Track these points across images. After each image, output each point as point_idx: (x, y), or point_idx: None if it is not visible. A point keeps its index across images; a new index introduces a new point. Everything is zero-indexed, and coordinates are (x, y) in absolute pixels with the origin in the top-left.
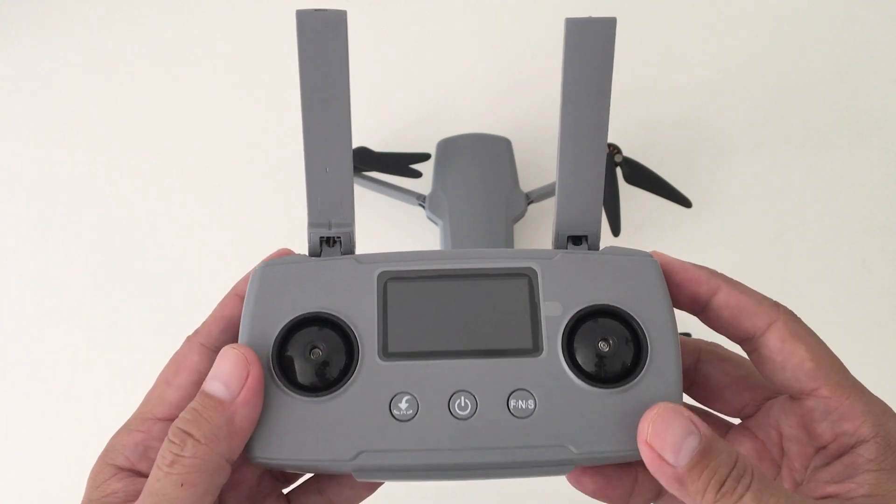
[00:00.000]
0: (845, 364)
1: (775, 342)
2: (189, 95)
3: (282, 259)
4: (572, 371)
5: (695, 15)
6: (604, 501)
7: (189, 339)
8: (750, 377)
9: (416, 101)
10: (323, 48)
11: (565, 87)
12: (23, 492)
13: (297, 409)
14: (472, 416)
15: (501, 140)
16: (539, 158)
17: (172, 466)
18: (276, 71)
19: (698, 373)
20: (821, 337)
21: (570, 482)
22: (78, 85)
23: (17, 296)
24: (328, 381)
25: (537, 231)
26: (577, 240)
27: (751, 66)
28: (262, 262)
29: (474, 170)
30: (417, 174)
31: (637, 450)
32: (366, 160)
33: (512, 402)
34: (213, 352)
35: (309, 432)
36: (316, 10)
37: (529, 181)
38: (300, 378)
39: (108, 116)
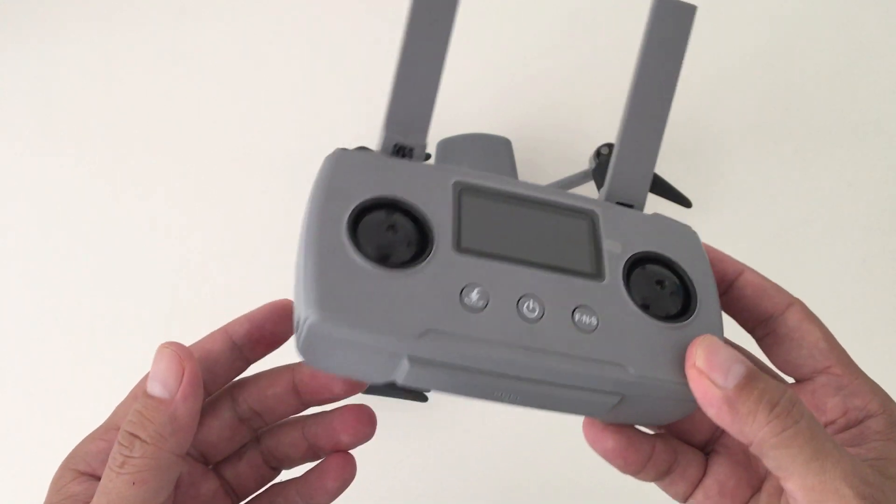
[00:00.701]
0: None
1: (794, 321)
2: (188, 97)
3: (357, 150)
4: (632, 300)
5: (695, 15)
6: (618, 464)
7: None
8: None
9: None
10: None
11: (641, 65)
12: (22, 492)
13: (367, 278)
14: (539, 319)
15: (501, 140)
16: (539, 158)
17: (123, 467)
18: (277, 71)
19: None
20: None
21: (589, 441)
22: (75, 84)
23: (17, 297)
24: (402, 258)
25: None
26: (624, 207)
27: (751, 66)
28: (338, 148)
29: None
30: None
31: (687, 384)
32: None
33: (577, 316)
34: None
35: (378, 303)
36: None
37: (529, 181)
38: (374, 250)
39: (106, 116)
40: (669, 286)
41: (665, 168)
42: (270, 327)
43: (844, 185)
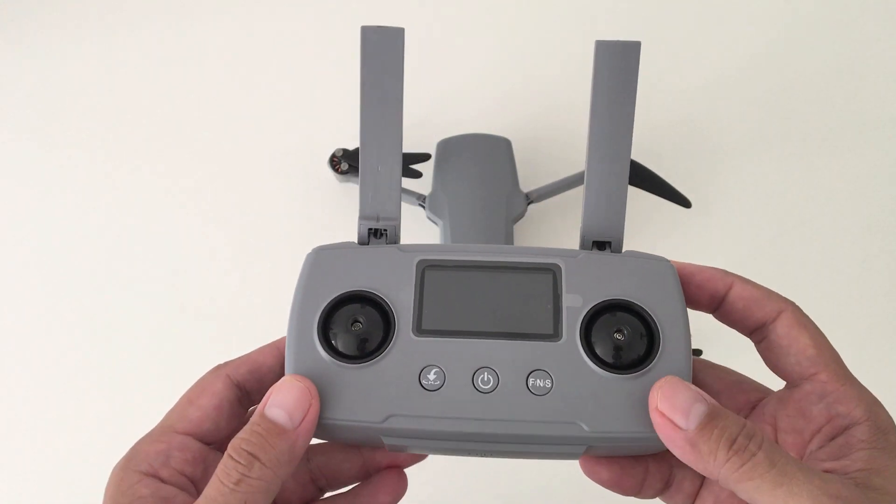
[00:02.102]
0: (845, 362)
1: (783, 329)
2: (190, 97)
3: (333, 245)
4: (588, 356)
5: (695, 15)
6: (617, 491)
7: (218, 367)
8: (742, 383)
9: (416, 101)
10: (382, 60)
11: (593, 105)
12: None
13: (336, 374)
14: (493, 390)
15: (501, 140)
16: (539, 158)
17: (239, 485)
18: (279, 72)
19: (695, 381)
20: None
21: (584, 472)
22: (79, 84)
23: (23, 298)
24: (366, 351)
25: (537, 231)
26: (601, 245)
27: (751, 67)
28: (315, 247)
29: (474, 170)
30: (418, 174)
31: (644, 432)
32: None
33: (531, 381)
34: (235, 385)
35: (346, 395)
36: (378, 26)
37: (529, 181)
38: (341, 347)
39: (107, 116)
40: (629, 334)
41: (665, 168)
42: None
43: (844, 185)
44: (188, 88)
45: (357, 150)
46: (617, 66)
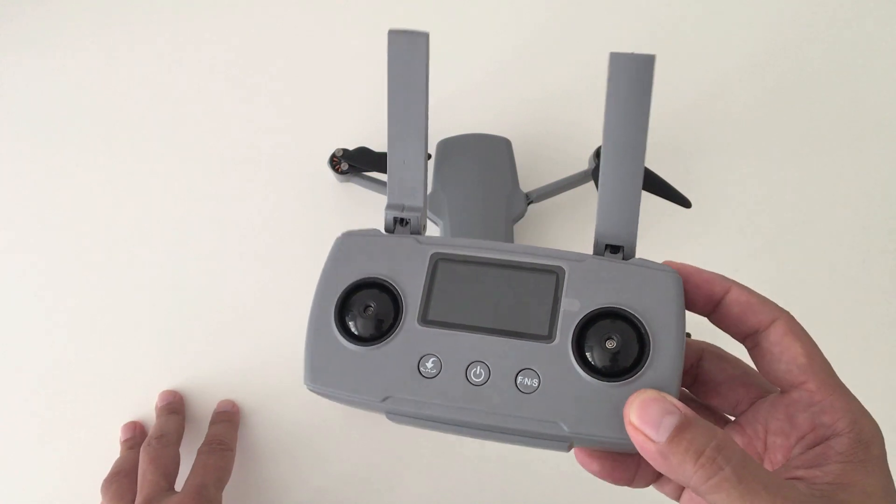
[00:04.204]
0: (845, 362)
1: (776, 336)
2: (194, 97)
3: (360, 231)
4: (577, 361)
5: (695, 15)
6: (609, 481)
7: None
8: (745, 377)
9: None
10: (408, 63)
11: (607, 115)
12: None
13: (346, 353)
14: (483, 383)
15: (501, 140)
16: (539, 158)
17: None
18: (276, 73)
19: (700, 369)
20: (820, 337)
21: (578, 461)
22: (78, 84)
23: (16, 297)
24: (374, 335)
25: (537, 231)
26: (614, 249)
27: (751, 67)
28: (344, 231)
29: (474, 170)
30: None
31: (622, 438)
32: (366, 160)
33: (519, 379)
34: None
35: (352, 373)
36: (405, 31)
37: (529, 181)
38: (353, 329)
39: (105, 116)
40: (620, 343)
41: (665, 168)
42: None
43: (844, 185)
44: (188, 89)
45: (357, 149)
46: (631, 78)
